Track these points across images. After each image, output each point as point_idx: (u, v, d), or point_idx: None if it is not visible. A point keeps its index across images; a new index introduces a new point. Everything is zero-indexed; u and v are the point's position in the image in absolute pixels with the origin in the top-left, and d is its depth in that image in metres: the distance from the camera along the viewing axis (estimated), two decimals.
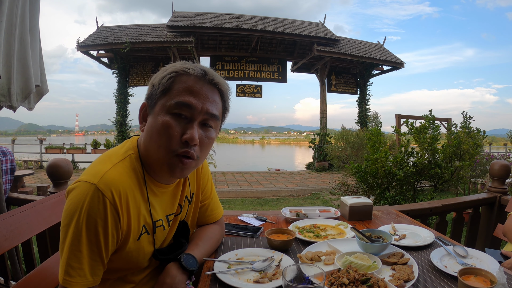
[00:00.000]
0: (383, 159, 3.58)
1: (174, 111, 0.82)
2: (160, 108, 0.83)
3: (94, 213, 0.75)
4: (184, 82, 0.84)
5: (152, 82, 0.87)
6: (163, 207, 0.94)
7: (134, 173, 0.86)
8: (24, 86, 1.75)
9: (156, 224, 0.91)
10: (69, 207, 0.76)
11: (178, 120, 0.83)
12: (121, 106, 12.06)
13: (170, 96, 0.83)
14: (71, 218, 0.75)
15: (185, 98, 0.82)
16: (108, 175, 0.79)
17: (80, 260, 0.75)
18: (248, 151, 41.82)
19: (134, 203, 0.84)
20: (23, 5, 1.70)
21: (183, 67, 0.86)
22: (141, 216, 0.87)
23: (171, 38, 11.17)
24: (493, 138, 31.60)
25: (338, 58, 12.60)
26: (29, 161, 12.07)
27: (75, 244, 0.75)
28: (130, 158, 0.87)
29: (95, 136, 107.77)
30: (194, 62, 0.91)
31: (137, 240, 0.86)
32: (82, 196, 0.75)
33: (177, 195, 0.99)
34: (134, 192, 0.85)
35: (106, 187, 0.77)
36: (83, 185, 0.77)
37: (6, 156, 2.13)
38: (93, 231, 0.76)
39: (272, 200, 7.54)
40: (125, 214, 0.81)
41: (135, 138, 0.94)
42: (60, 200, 1.43)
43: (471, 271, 0.87)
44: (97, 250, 0.77)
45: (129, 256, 0.86)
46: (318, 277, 0.75)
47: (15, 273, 1.78)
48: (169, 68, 0.87)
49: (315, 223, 1.42)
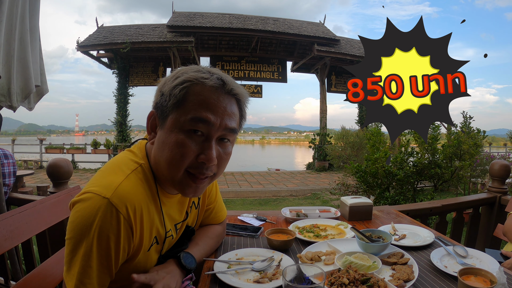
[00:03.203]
0: (383, 159, 3.58)
1: (189, 128, 0.75)
2: (172, 124, 0.75)
3: (106, 228, 0.71)
4: (199, 93, 0.75)
5: (161, 89, 0.78)
6: (172, 216, 0.92)
7: (147, 185, 0.81)
8: (24, 86, 1.75)
9: (167, 235, 0.89)
10: (77, 219, 0.71)
11: (194, 138, 0.75)
12: (121, 106, 12.06)
13: (184, 110, 0.74)
14: (81, 233, 0.71)
15: (202, 113, 0.74)
16: (122, 188, 0.74)
17: (90, 275, 0.72)
18: (248, 151, 41.81)
19: (148, 216, 0.80)
20: (23, 5, 1.70)
21: (198, 76, 0.76)
22: (153, 228, 0.84)
23: (171, 38, 11.16)
24: (493, 138, 31.58)
25: (338, 58, 12.59)
26: (29, 161, 12.06)
27: (85, 260, 0.71)
28: (142, 169, 0.82)
29: (95, 136, 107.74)
30: (196, 63, 0.87)
31: (147, 251, 0.84)
32: (93, 210, 0.70)
33: (184, 203, 0.96)
34: (149, 205, 0.81)
35: (120, 202, 0.72)
36: (94, 198, 0.71)
37: (8, 159, 2.15)
38: (104, 246, 0.72)
39: (272, 200, 7.54)
40: (138, 228, 0.77)
41: (142, 144, 0.88)
42: (60, 200, 1.43)
43: (471, 271, 0.87)
44: (107, 264, 0.74)
45: (137, 267, 0.84)
46: (318, 277, 0.75)
47: (15, 273, 1.78)
48: (180, 75, 0.77)
49: (315, 223, 1.42)
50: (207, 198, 1.08)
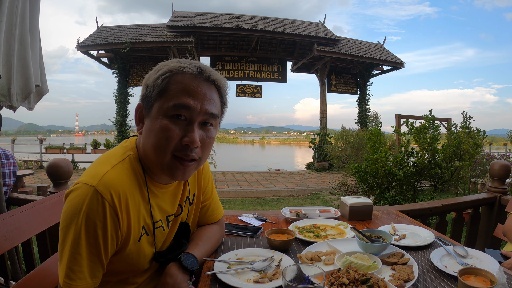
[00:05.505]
0: (383, 159, 3.58)
1: (172, 114, 0.80)
2: (157, 111, 0.81)
3: (93, 215, 0.74)
4: (180, 81, 0.81)
5: (146, 82, 0.85)
6: (163, 208, 0.93)
7: (134, 174, 0.85)
8: (24, 86, 1.75)
9: (155, 225, 0.90)
10: (67, 209, 0.76)
11: (177, 122, 0.81)
12: (121, 106, 12.06)
13: (167, 98, 0.80)
14: (70, 220, 0.74)
15: (183, 99, 0.80)
16: (107, 176, 0.78)
17: (80, 263, 0.75)
18: (248, 151, 41.80)
19: (134, 204, 0.83)
20: (23, 5, 1.70)
21: (178, 65, 0.82)
22: (141, 217, 0.86)
23: (171, 38, 11.17)
24: (493, 138, 31.58)
25: (338, 58, 12.59)
26: (29, 161, 12.06)
27: (74, 247, 0.74)
28: (129, 159, 0.86)
29: (95, 136, 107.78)
30: (187, 58, 0.88)
31: (138, 241, 0.86)
32: (81, 198, 0.74)
33: (177, 195, 0.98)
34: (134, 193, 0.84)
35: (105, 189, 0.76)
36: (82, 187, 0.76)
37: (9, 160, 2.15)
38: (92, 233, 0.75)
39: (272, 200, 7.54)
40: (124, 216, 0.80)
41: (133, 139, 0.93)
42: (60, 200, 1.43)
43: (471, 271, 0.87)
44: (96, 253, 0.77)
45: (129, 258, 0.86)
46: (318, 277, 0.75)
47: (15, 273, 1.78)
48: (162, 67, 0.83)
49: (315, 223, 1.42)
50: (202, 194, 1.08)
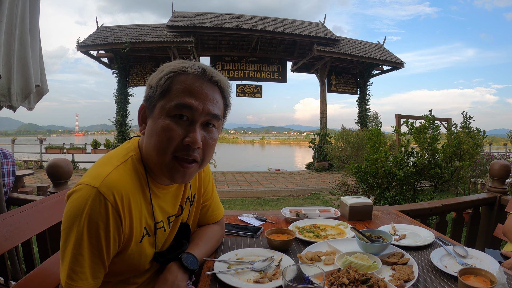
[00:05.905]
0: (383, 159, 3.58)
1: (174, 113, 0.80)
2: (159, 111, 0.81)
3: (95, 216, 0.74)
4: (183, 82, 0.81)
5: (150, 83, 0.85)
6: (164, 208, 0.93)
7: (136, 175, 0.85)
8: (24, 86, 1.75)
9: (157, 226, 0.90)
10: (69, 210, 0.75)
11: (179, 123, 0.80)
12: (121, 106, 12.06)
13: (170, 98, 0.80)
14: (72, 221, 0.74)
15: (185, 99, 0.80)
16: (110, 177, 0.78)
17: (82, 264, 0.75)
18: (248, 151, 41.80)
19: (136, 205, 0.83)
20: (23, 5, 1.70)
21: (181, 66, 0.83)
22: (143, 218, 0.86)
23: (171, 38, 11.16)
24: (493, 138, 31.58)
25: (338, 58, 12.59)
26: (29, 161, 12.06)
27: (76, 248, 0.74)
28: (132, 160, 0.86)
29: (95, 136, 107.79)
30: (191, 59, 0.88)
31: (139, 242, 0.86)
32: (84, 199, 0.74)
33: (178, 196, 0.98)
34: (136, 194, 0.84)
35: (108, 190, 0.76)
36: (85, 188, 0.75)
37: (7, 158, 2.14)
38: (94, 234, 0.75)
39: (272, 200, 7.54)
40: (127, 217, 0.80)
41: (136, 139, 0.93)
42: (60, 200, 1.43)
43: (471, 271, 0.87)
44: (98, 253, 0.76)
45: (131, 259, 0.86)
46: (318, 277, 0.75)
47: (15, 273, 1.78)
48: (166, 68, 0.84)
49: (315, 223, 1.42)
50: (202, 195, 1.08)
